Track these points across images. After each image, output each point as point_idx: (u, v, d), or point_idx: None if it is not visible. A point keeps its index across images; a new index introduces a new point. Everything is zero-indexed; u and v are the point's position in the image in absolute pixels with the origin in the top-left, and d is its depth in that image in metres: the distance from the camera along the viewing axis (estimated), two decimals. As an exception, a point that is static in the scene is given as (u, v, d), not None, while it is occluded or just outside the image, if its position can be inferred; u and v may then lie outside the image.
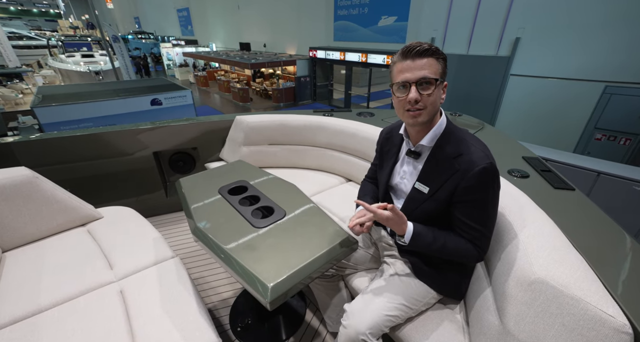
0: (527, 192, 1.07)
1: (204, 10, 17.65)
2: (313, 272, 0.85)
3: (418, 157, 0.93)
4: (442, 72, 0.81)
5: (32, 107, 5.00)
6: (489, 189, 0.82)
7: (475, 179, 0.79)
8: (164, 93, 6.11)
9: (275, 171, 2.02)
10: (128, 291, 1.04)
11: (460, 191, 0.82)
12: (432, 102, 0.81)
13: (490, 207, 0.85)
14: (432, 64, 0.79)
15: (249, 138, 1.95)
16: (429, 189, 0.89)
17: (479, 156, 0.81)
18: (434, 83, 0.79)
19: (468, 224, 0.84)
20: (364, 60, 8.71)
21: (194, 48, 17.72)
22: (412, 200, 0.94)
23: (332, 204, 1.62)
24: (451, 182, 0.83)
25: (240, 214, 1.07)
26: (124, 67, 8.52)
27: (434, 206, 0.88)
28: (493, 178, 0.81)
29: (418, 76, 0.78)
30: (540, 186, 1.26)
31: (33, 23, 34.56)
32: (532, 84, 5.58)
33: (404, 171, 0.99)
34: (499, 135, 1.96)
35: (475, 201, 0.82)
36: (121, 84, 7.23)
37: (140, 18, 26.83)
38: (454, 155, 0.84)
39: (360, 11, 8.97)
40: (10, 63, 12.66)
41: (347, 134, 1.86)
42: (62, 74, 12.23)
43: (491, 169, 0.80)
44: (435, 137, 0.88)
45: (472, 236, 0.84)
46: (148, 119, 5.83)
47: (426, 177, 0.90)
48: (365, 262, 1.16)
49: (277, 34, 12.90)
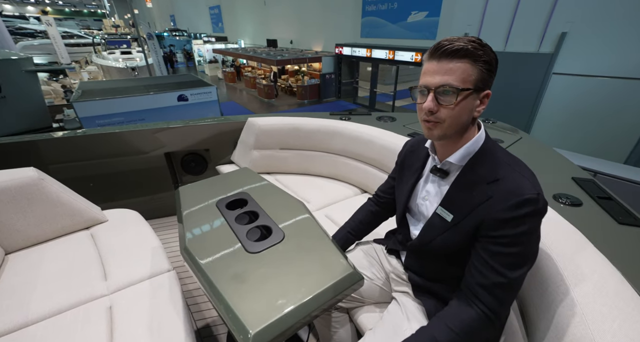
0: (581, 227, 0.85)
1: (234, 7, 17.99)
2: (306, 316, 0.74)
3: (445, 177, 0.77)
4: (480, 78, 0.64)
5: (72, 102, 5.32)
6: (531, 227, 0.63)
7: (513, 213, 0.62)
8: (190, 89, 6.26)
9: (286, 177, 1.93)
10: (117, 307, 0.99)
11: (489, 223, 0.65)
12: (453, 115, 0.66)
13: (527, 252, 0.65)
14: (463, 68, 0.63)
15: (259, 142, 1.86)
16: (452, 217, 0.73)
17: (522, 184, 0.63)
18: (457, 93, 0.63)
19: (489, 265, 0.65)
20: (391, 57, 8.38)
21: (223, 45, 18.15)
22: (432, 227, 0.79)
23: (343, 218, 1.47)
24: (480, 211, 0.67)
25: (234, 234, 0.97)
26: (156, 63, 8.89)
27: (456, 239, 0.73)
28: (538, 214, 0.63)
29: (439, 82, 0.64)
30: (599, 219, 1.00)
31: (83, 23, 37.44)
32: (578, 84, 5.02)
33: (427, 191, 0.84)
34: (540, 148, 1.68)
35: (507, 237, 0.63)
36: (152, 80, 7.53)
37: (175, 16, 28.01)
38: (489, 180, 0.67)
39: (389, 6, 8.62)
40: (62, 60, 13.74)
41: (364, 141, 1.71)
42: (104, 70, 13.07)
43: (537, 203, 0.61)
44: (468, 155, 0.72)
45: (491, 283, 0.65)
46: (175, 114, 6.05)
47: (451, 202, 0.74)
48: (374, 296, 1.02)
49: (304, 30, 12.82)
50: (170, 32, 23.92)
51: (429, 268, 0.86)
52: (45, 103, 6.66)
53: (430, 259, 0.85)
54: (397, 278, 0.98)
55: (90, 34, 22.32)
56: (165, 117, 5.94)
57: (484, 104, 0.67)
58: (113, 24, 25.92)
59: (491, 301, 0.65)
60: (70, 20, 35.89)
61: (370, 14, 9.29)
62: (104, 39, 15.16)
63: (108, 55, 13.06)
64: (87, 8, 39.18)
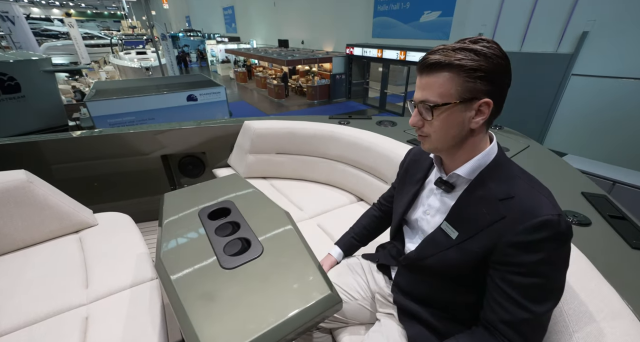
0: (588, 251, 0.76)
1: (247, 7, 18.15)
2: (279, 340, 0.68)
3: (450, 191, 0.71)
4: (465, 89, 0.57)
5: (85, 101, 5.47)
6: (552, 255, 0.55)
7: (529, 236, 0.55)
8: (199, 89, 6.33)
9: (281, 183, 1.88)
10: (93, 317, 0.97)
11: (504, 248, 0.58)
12: (436, 130, 0.63)
13: (550, 284, 0.57)
14: (441, 82, 0.58)
15: (255, 146, 1.82)
16: (457, 235, 0.66)
17: (540, 203, 0.56)
18: (432, 109, 0.60)
19: (511, 298, 0.57)
20: (402, 58, 8.21)
21: (235, 45, 18.33)
22: (433, 243, 0.72)
23: (336, 227, 1.43)
24: (491, 233, 0.60)
25: (211, 247, 0.93)
26: (169, 63, 9.06)
27: (458, 258, 0.66)
28: (560, 239, 0.55)
29: (418, 98, 0.62)
30: (609, 242, 0.89)
31: (104, 24, 38.79)
32: (600, 86, 4.75)
33: (429, 205, 0.77)
34: (549, 158, 1.57)
35: (525, 266, 0.56)
36: (163, 80, 7.67)
37: (190, 17, 28.56)
38: (502, 197, 0.60)
39: (401, 6, 8.45)
40: (83, 60, 14.26)
41: (361, 147, 1.64)
42: (120, 70, 13.44)
43: (559, 225, 0.54)
44: (478, 168, 0.65)
45: (517, 320, 0.57)
46: (184, 114, 6.12)
47: (457, 218, 0.68)
48: (358, 316, 0.96)
49: (316, 30, 12.78)
50: (185, 33, 24.40)
51: (420, 288, 0.80)
52: (62, 102, 6.89)
53: (424, 277, 0.78)
54: (382, 299, 0.91)
55: (109, 35, 23.08)
56: (174, 117, 6.03)
57: (483, 113, 0.60)
58: (130, 25, 26.69)
59: (516, 337, 0.58)
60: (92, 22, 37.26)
61: (382, 14, 9.14)
62: (121, 40, 15.61)
63: (124, 56, 13.43)
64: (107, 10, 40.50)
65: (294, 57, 10.67)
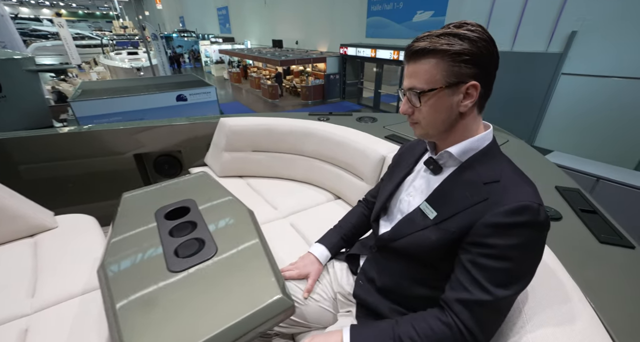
0: (555, 246, 0.73)
1: (241, 8, 18.07)
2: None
3: (438, 172, 0.69)
4: (450, 73, 0.58)
5: (69, 101, 5.35)
6: (525, 241, 0.54)
7: (508, 218, 0.54)
8: (189, 89, 6.24)
9: (258, 181, 1.81)
10: (33, 329, 0.89)
11: (479, 229, 0.56)
12: (425, 116, 0.63)
13: (518, 270, 0.55)
14: (426, 68, 0.59)
15: (230, 143, 1.75)
16: (436, 215, 0.64)
17: (524, 190, 0.57)
18: (419, 95, 0.61)
19: (474, 279, 0.56)
20: (396, 57, 8.23)
21: (230, 45, 18.24)
22: (409, 222, 0.70)
23: (310, 226, 1.36)
24: (471, 213, 0.58)
25: (162, 249, 0.86)
26: (161, 63, 8.94)
27: (434, 238, 0.63)
28: (536, 227, 0.54)
29: (406, 86, 0.63)
30: (577, 236, 0.87)
31: (96, 24, 38.39)
32: (589, 85, 4.78)
33: (414, 186, 0.74)
34: (526, 153, 1.53)
35: (497, 248, 0.54)
36: (153, 80, 7.56)
37: (184, 17, 28.35)
38: (487, 180, 0.60)
39: (394, 6, 8.46)
40: (73, 61, 14.03)
41: (336, 143, 1.58)
42: (111, 70, 13.27)
43: (537, 214, 0.53)
44: (471, 151, 0.65)
45: (473, 300, 0.55)
46: (173, 114, 6.01)
47: (439, 200, 0.66)
48: (320, 320, 0.89)
49: (310, 30, 12.75)
50: (179, 33, 24.22)
51: (386, 276, 0.75)
52: (46, 103, 6.73)
53: (393, 260, 0.74)
54: (343, 299, 0.86)
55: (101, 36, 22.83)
56: (163, 117, 5.92)
57: (471, 96, 0.60)
58: (121, 25, 26.43)
59: (469, 318, 0.56)
60: (84, 22, 36.85)
61: (376, 13, 9.14)
62: (112, 40, 15.42)
63: (115, 56, 13.25)
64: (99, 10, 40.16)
65: (288, 57, 10.64)
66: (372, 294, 0.77)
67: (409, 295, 0.72)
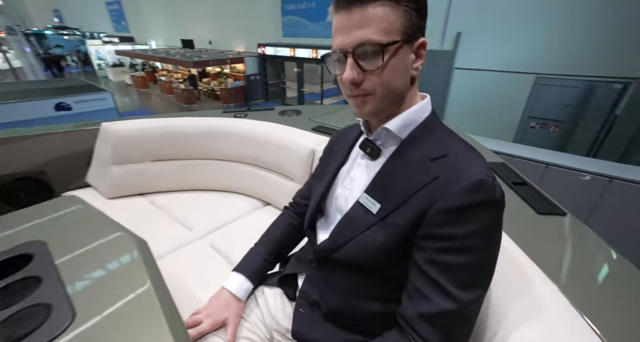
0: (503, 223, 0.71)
1: (138, 3, 15.89)
2: None
3: (377, 156, 0.57)
4: (407, 24, 0.47)
5: None
6: (486, 225, 0.46)
7: (466, 198, 0.45)
8: (74, 96, 5.06)
9: (164, 197, 1.45)
10: None
11: (434, 217, 0.47)
12: (384, 82, 0.49)
13: (482, 263, 0.47)
14: (382, 14, 0.46)
15: (120, 154, 1.36)
16: (380, 207, 0.52)
17: (475, 163, 0.49)
18: (382, 50, 0.46)
19: (437, 284, 0.46)
20: (315, 56, 8.34)
21: (129, 46, 15.90)
22: (350, 223, 0.57)
23: (236, 244, 1.10)
24: (421, 198, 0.49)
25: None
26: (28, 66, 7.03)
27: (382, 239, 0.51)
28: (494, 206, 0.46)
29: (356, 41, 0.47)
30: (518, 209, 0.87)
31: None
32: (474, 77, 5.70)
33: (351, 178, 0.62)
34: None
35: (457, 239, 0.45)
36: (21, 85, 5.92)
37: (61, 11, 23.55)
38: (433, 156, 0.51)
39: (307, 6, 8.58)
40: None
41: (258, 141, 1.36)
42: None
43: (493, 191, 0.46)
44: (410, 125, 0.55)
45: (437, 312, 0.46)
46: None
47: (381, 187, 0.54)
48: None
49: (223, 30, 12.04)
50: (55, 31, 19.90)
51: (331, 293, 0.59)
52: None
53: (339, 275, 0.58)
54: (281, 338, 0.67)
55: None
56: (38, 132, 4.66)
57: (421, 56, 0.52)
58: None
59: (436, 338, 0.46)
60: None
61: (291, 13, 9.13)
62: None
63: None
64: None
65: (202, 58, 9.83)
66: (317, 325, 0.60)
67: (363, 317, 0.57)
